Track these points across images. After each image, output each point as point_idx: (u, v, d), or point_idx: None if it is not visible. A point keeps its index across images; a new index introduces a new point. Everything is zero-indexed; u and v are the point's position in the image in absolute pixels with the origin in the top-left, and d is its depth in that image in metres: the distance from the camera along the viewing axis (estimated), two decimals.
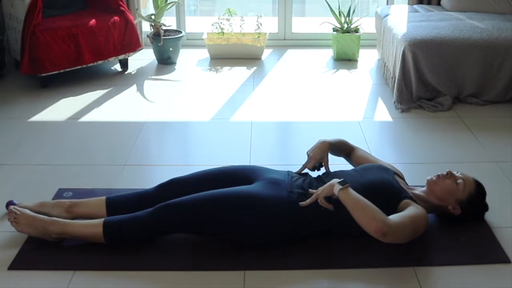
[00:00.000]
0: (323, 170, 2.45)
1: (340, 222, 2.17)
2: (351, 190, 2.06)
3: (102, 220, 2.18)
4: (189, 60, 4.60)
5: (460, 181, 2.27)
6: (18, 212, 2.21)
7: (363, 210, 2.00)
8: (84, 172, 2.83)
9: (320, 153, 2.43)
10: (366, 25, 4.74)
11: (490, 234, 2.29)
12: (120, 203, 2.33)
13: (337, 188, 2.07)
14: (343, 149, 2.55)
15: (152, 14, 4.46)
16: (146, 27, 4.67)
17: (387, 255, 2.16)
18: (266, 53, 4.74)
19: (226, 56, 4.62)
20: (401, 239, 2.04)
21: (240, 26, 4.68)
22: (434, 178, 2.30)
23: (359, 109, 3.64)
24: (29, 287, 2.02)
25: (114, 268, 2.11)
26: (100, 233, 2.15)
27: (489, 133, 3.26)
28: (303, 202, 2.16)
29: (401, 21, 4.01)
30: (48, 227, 2.18)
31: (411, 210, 2.10)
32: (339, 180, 2.09)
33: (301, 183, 2.27)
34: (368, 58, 4.64)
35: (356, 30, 4.66)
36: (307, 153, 2.47)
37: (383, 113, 3.58)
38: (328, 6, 4.66)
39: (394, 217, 2.02)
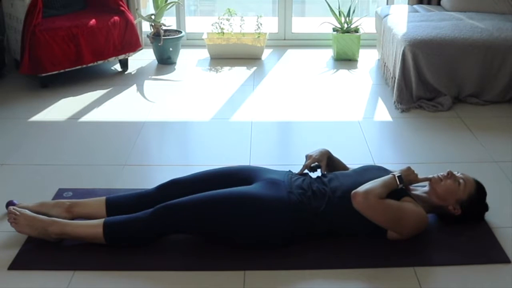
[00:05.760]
0: (320, 172, 2.44)
1: (340, 223, 2.18)
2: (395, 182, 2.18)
3: (102, 220, 2.18)
4: (189, 60, 4.60)
5: (461, 181, 2.27)
6: (18, 213, 2.21)
7: (380, 182, 2.15)
8: (84, 172, 2.83)
9: (320, 155, 2.44)
10: (366, 25, 4.74)
11: (490, 234, 2.29)
12: (120, 204, 2.33)
13: (397, 174, 2.20)
14: (339, 166, 2.54)
15: (152, 14, 4.46)
16: (146, 27, 4.67)
17: (387, 255, 2.16)
18: (266, 53, 4.73)
19: (226, 56, 4.61)
20: (377, 214, 2.10)
21: (240, 26, 4.68)
22: (436, 177, 2.30)
23: (359, 109, 3.64)
24: (29, 287, 2.02)
25: (114, 268, 2.11)
26: (100, 234, 2.15)
27: (489, 133, 3.26)
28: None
29: (401, 21, 4.01)
30: (48, 227, 2.18)
31: (406, 203, 2.15)
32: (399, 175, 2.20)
33: (300, 183, 2.27)
34: (368, 58, 4.64)
35: (356, 30, 4.65)
36: (306, 155, 2.47)
37: (383, 113, 3.58)
38: (328, 6, 4.66)
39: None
